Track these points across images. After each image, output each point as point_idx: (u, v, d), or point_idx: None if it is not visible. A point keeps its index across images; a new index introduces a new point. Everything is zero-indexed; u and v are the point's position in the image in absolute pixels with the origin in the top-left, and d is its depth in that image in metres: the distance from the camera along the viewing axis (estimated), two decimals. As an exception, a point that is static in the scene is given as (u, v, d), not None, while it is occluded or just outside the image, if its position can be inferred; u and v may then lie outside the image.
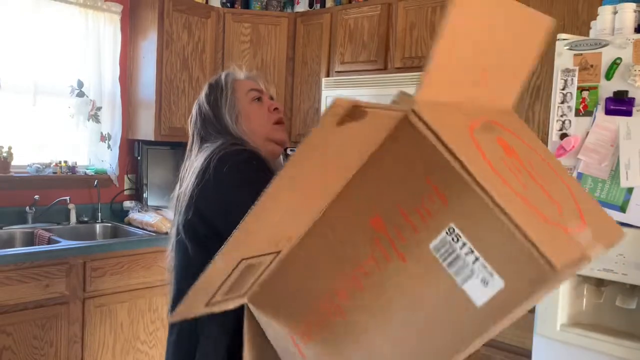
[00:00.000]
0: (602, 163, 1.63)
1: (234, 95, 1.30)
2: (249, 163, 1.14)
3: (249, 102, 1.30)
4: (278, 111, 1.31)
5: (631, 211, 1.58)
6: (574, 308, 1.77)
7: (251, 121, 1.28)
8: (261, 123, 1.29)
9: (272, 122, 1.29)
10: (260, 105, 1.31)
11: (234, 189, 1.11)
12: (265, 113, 1.30)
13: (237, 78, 1.34)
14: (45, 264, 2.32)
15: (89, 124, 3.00)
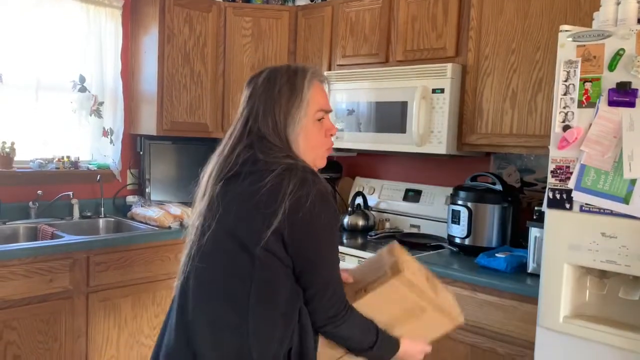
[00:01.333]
0: (605, 155, 1.62)
1: (307, 106, 1.23)
2: (336, 212, 1.20)
3: (313, 120, 1.24)
4: (330, 139, 1.29)
5: (634, 203, 1.57)
6: (576, 300, 1.77)
7: (308, 141, 1.23)
8: (315, 147, 1.25)
9: (325, 148, 1.28)
10: (321, 127, 1.26)
11: (327, 244, 1.19)
12: (322, 137, 1.27)
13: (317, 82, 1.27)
14: (49, 259, 2.33)
15: (91, 119, 3.00)
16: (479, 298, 2.14)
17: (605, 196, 1.63)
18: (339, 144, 2.91)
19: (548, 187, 1.77)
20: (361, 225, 2.98)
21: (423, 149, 2.57)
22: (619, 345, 1.63)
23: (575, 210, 1.70)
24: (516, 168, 2.70)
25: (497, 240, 2.47)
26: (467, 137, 2.52)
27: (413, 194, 3.02)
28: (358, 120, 2.80)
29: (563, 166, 1.72)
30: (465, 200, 2.48)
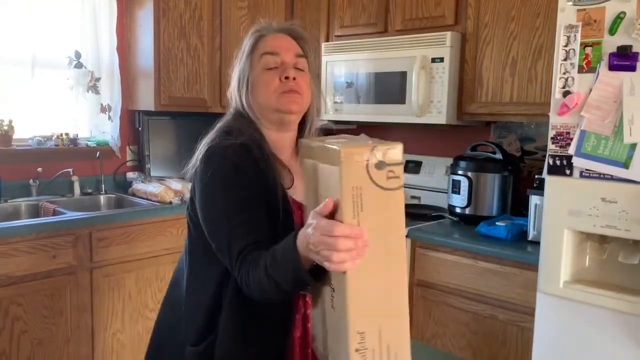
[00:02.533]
0: (606, 119, 1.61)
1: (248, 59, 1.23)
2: (225, 170, 1.13)
3: (260, 70, 1.22)
4: (288, 80, 1.20)
5: (634, 167, 1.57)
6: (577, 265, 1.78)
7: (258, 93, 1.22)
8: (266, 95, 1.21)
9: (279, 91, 1.20)
10: (271, 74, 1.21)
11: (210, 203, 1.15)
12: (274, 83, 1.21)
13: (263, 34, 1.25)
14: (52, 235, 2.34)
15: (88, 96, 2.98)
16: (480, 266, 2.16)
17: (605, 161, 1.62)
18: (338, 117, 2.90)
19: (548, 154, 1.76)
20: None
21: (423, 119, 2.56)
22: (618, 309, 1.65)
23: (575, 176, 1.70)
24: (516, 137, 2.69)
25: (497, 209, 2.48)
26: (467, 107, 2.50)
27: (413, 165, 3.01)
28: (357, 92, 2.78)
29: (563, 132, 1.72)
30: (465, 170, 2.48)
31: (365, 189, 0.83)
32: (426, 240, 2.33)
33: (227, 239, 1.10)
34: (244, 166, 1.14)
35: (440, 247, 2.29)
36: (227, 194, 1.12)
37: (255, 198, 1.13)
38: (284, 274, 0.97)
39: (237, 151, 1.14)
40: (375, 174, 0.83)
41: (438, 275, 2.30)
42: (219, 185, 1.13)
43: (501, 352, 2.12)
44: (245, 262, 1.07)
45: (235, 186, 1.12)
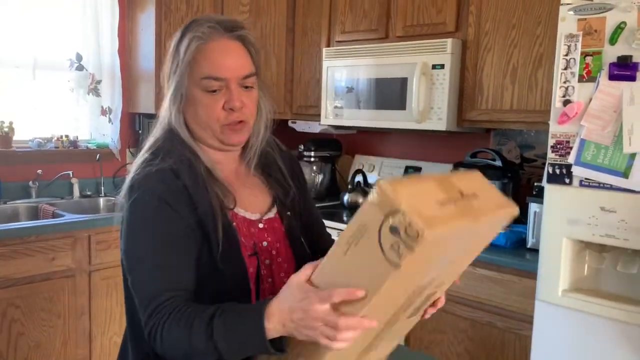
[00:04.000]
0: (605, 129, 1.62)
1: (187, 72, 1.07)
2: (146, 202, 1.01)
3: (201, 92, 1.07)
4: (233, 111, 1.07)
5: (634, 177, 1.58)
6: (575, 274, 1.78)
7: (198, 113, 1.08)
8: (208, 122, 1.08)
9: (223, 123, 1.08)
10: (214, 99, 1.07)
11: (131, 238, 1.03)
12: (217, 111, 1.07)
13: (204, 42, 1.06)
14: (51, 238, 2.34)
15: (89, 98, 2.98)
16: (478, 273, 2.16)
17: (604, 170, 1.63)
18: (338, 122, 2.90)
19: (548, 162, 1.77)
20: (361, 202, 2.97)
21: (423, 125, 2.56)
22: (617, 318, 1.65)
23: (574, 185, 1.71)
24: (516, 144, 2.70)
25: (496, 216, 2.48)
26: (467, 113, 2.51)
27: (413, 171, 3.02)
28: (357, 97, 2.79)
29: (563, 141, 1.72)
30: (465, 177, 2.48)
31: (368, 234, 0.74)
32: (425, 246, 2.32)
33: (143, 280, 0.99)
34: (170, 196, 1.02)
35: (439, 254, 2.28)
36: (148, 230, 1.01)
37: (181, 235, 1.01)
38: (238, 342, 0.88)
39: (162, 178, 1.03)
40: (385, 231, 0.72)
41: (437, 281, 2.29)
42: (139, 219, 1.02)
43: (499, 359, 2.12)
44: (162, 312, 0.94)
45: (158, 221, 1.01)
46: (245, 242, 1.10)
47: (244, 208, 1.14)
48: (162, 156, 1.06)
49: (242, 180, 1.18)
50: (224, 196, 1.09)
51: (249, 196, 1.16)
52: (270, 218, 1.17)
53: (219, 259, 1.03)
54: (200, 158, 1.10)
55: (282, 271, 1.15)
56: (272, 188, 1.20)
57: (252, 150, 1.19)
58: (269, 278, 1.13)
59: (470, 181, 0.83)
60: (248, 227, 1.12)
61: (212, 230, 1.04)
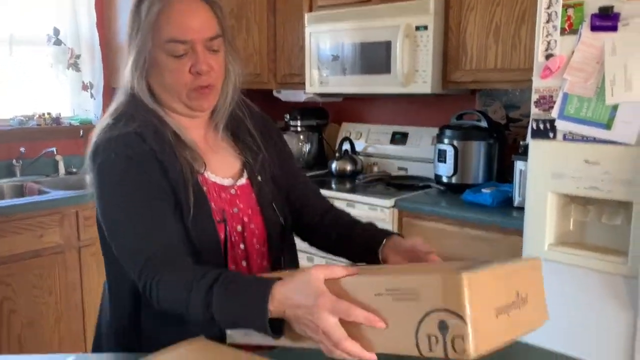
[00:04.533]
0: (588, 81, 1.62)
1: (150, 34, 1.02)
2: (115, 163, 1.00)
3: (166, 56, 1.03)
4: (200, 76, 1.04)
5: (616, 128, 1.58)
6: (561, 228, 1.80)
7: (164, 77, 1.04)
8: (174, 86, 1.05)
9: (190, 87, 1.05)
10: (180, 63, 1.03)
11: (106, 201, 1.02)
12: (184, 76, 1.04)
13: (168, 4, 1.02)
14: (38, 215, 2.32)
15: (69, 73, 2.94)
16: (466, 233, 2.18)
17: (588, 123, 1.63)
18: (323, 89, 2.88)
19: (532, 118, 1.77)
20: (349, 170, 2.98)
21: (408, 89, 2.54)
22: (601, 269, 1.67)
23: (558, 139, 1.71)
24: (501, 104, 2.69)
25: (483, 176, 2.49)
26: (451, 75, 2.49)
27: (400, 137, 3.01)
28: (342, 63, 2.76)
29: (546, 96, 1.72)
30: (451, 139, 2.49)
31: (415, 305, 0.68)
32: (413, 210, 2.34)
33: (127, 241, 0.98)
34: (138, 157, 1.00)
35: (427, 216, 2.30)
36: (120, 193, 0.99)
37: (155, 195, 1.00)
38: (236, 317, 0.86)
39: (127, 142, 1.01)
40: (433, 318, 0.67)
41: (425, 243, 2.31)
42: (109, 183, 1.00)
43: (488, 316, 2.15)
44: (154, 264, 0.94)
45: (131, 180, 0.99)
46: (215, 208, 1.08)
47: (215, 173, 1.12)
48: (125, 121, 1.04)
49: (210, 146, 1.15)
50: (193, 160, 1.07)
51: (219, 161, 1.14)
52: (243, 185, 1.14)
53: (189, 224, 1.02)
54: (167, 122, 1.07)
55: (254, 237, 1.13)
56: (241, 152, 1.17)
57: (219, 114, 1.16)
58: (241, 244, 1.12)
59: (528, 277, 0.82)
60: (219, 193, 1.10)
61: (183, 195, 1.02)
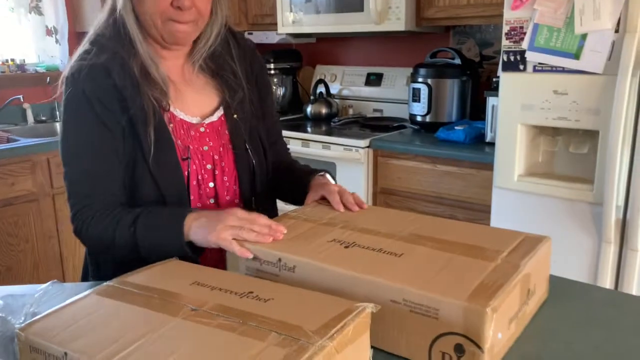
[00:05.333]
0: (558, 11, 1.61)
1: None
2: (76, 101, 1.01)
3: None
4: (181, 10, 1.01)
5: (585, 57, 1.59)
6: (530, 159, 1.83)
7: (144, 4, 1.02)
8: (151, 12, 1.02)
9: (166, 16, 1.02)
10: None
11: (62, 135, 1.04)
12: (164, 4, 1.01)
13: None
14: (8, 163, 2.28)
15: (31, 17, 2.83)
16: (439, 170, 2.21)
17: (557, 53, 1.64)
18: (297, 29, 2.82)
19: (502, 50, 1.77)
20: (324, 113, 2.97)
21: (382, 26, 2.51)
22: (568, 197, 1.72)
23: (529, 71, 1.72)
24: (475, 42, 2.68)
25: (457, 114, 2.50)
26: (425, 11, 2.46)
27: (375, 78, 2.99)
28: (316, 2, 2.70)
29: (517, 27, 1.71)
30: (425, 78, 2.48)
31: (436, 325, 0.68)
32: (387, 149, 2.35)
33: (70, 178, 1.03)
34: (99, 94, 1.01)
35: (401, 155, 2.32)
36: (76, 132, 1.02)
37: (108, 139, 1.02)
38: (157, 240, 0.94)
39: (93, 76, 1.01)
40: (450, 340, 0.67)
41: (399, 181, 2.35)
42: (69, 118, 1.03)
43: (461, 249, 2.21)
44: (87, 212, 1.00)
45: (85, 124, 1.01)
46: (181, 145, 1.08)
47: (184, 110, 1.10)
48: (96, 51, 1.03)
49: (187, 80, 1.14)
50: (161, 97, 1.06)
51: (193, 96, 1.13)
52: (214, 122, 1.13)
53: (151, 161, 1.03)
54: (140, 53, 1.05)
55: (224, 175, 1.14)
56: (220, 89, 1.16)
57: (198, 54, 1.13)
58: (211, 183, 1.12)
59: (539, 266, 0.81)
60: (187, 130, 1.10)
61: (142, 132, 1.03)
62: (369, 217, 0.97)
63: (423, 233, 0.88)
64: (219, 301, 0.69)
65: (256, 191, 1.18)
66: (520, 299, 0.74)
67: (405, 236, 0.87)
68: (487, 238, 0.86)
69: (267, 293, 0.71)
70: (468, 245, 0.82)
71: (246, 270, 0.86)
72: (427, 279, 0.72)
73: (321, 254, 0.81)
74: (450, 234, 0.87)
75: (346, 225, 0.92)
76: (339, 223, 0.94)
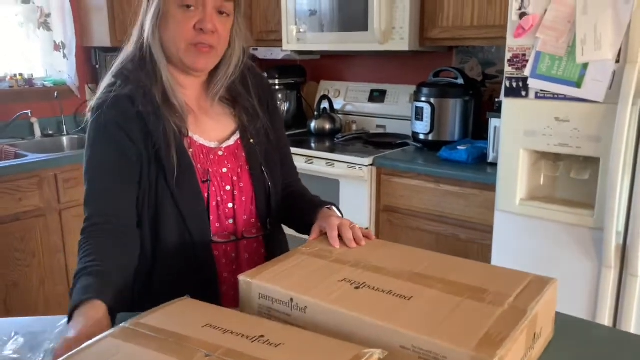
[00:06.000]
0: (560, 40, 1.64)
1: None
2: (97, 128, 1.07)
3: (176, 5, 1.06)
4: (203, 33, 1.06)
5: (586, 86, 1.62)
6: (532, 183, 1.86)
7: (168, 30, 1.07)
8: (175, 39, 1.07)
9: (189, 42, 1.07)
10: (186, 16, 1.06)
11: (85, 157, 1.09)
12: (187, 29, 1.06)
13: None
14: (16, 179, 2.31)
15: (40, 33, 2.86)
16: (441, 189, 2.24)
17: (559, 81, 1.67)
18: (301, 47, 2.86)
19: (505, 76, 1.80)
20: (328, 128, 3.00)
21: (386, 46, 2.54)
22: (570, 222, 1.74)
23: (531, 98, 1.75)
24: (478, 61, 2.71)
25: (459, 133, 2.53)
26: (429, 32, 2.49)
27: (378, 94, 3.02)
28: (320, 19, 2.73)
29: (519, 54, 1.74)
30: (428, 97, 2.51)
31: None
32: (390, 167, 2.38)
33: (85, 199, 1.08)
34: (121, 121, 1.06)
35: (404, 174, 2.35)
36: (91, 153, 1.08)
37: (124, 161, 1.06)
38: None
39: (117, 104, 1.06)
40: None
41: (402, 200, 2.37)
42: (89, 140, 1.08)
43: (463, 268, 2.23)
44: (85, 232, 1.05)
45: (101, 146, 1.07)
46: (201, 169, 1.13)
47: (202, 135, 1.15)
48: (120, 83, 1.09)
49: (204, 108, 1.19)
50: (181, 123, 1.11)
51: (210, 124, 1.18)
52: (230, 145, 1.18)
53: (174, 184, 1.07)
54: (163, 80, 1.10)
55: (243, 196, 1.18)
56: (237, 116, 1.21)
57: (218, 85, 1.18)
58: (230, 203, 1.16)
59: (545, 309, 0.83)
60: (206, 155, 1.15)
61: (165, 156, 1.07)
62: (377, 254, 0.99)
63: (432, 273, 0.90)
64: (231, 345, 0.71)
65: (271, 211, 1.23)
66: (526, 344, 0.76)
67: (414, 276, 0.89)
68: (495, 279, 0.88)
69: (277, 337, 0.73)
70: (475, 287, 0.85)
71: (259, 308, 0.88)
72: (436, 325, 0.74)
73: (332, 295, 0.83)
74: (459, 274, 0.89)
75: (357, 264, 0.94)
76: (349, 261, 0.96)
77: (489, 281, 0.87)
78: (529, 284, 0.86)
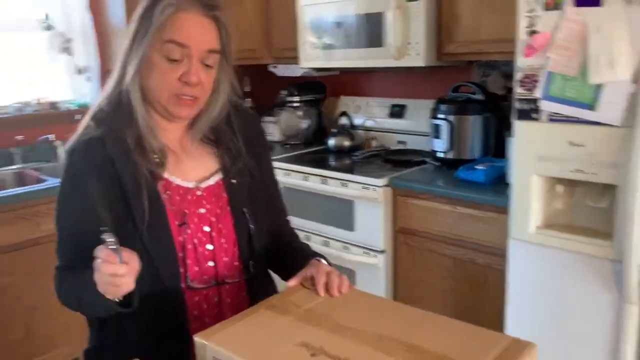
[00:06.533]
0: (572, 59, 1.54)
1: (154, 35, 1.03)
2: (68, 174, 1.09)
3: (161, 56, 1.04)
4: (188, 86, 1.04)
5: (601, 109, 1.51)
6: (547, 210, 1.75)
7: (151, 78, 1.05)
8: (159, 87, 1.06)
9: (173, 92, 1.05)
10: (171, 67, 1.04)
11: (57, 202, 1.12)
12: (171, 80, 1.04)
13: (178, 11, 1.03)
14: (35, 204, 2.36)
15: (62, 57, 2.93)
16: (458, 212, 2.14)
17: (572, 103, 1.56)
18: (318, 64, 2.82)
19: (516, 98, 1.70)
20: (347, 145, 2.94)
21: (401, 62, 2.47)
22: (588, 252, 1.63)
23: (543, 120, 1.65)
24: (501, 74, 2.60)
25: (479, 151, 2.43)
26: (446, 47, 2.41)
27: (398, 110, 2.95)
28: (336, 36, 2.69)
29: (530, 74, 1.64)
30: (445, 114, 2.42)
31: None
32: (406, 188, 2.30)
33: (56, 247, 1.12)
34: (90, 169, 1.05)
35: (420, 194, 2.27)
36: (66, 200, 1.10)
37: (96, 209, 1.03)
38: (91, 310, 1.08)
39: (88, 150, 1.06)
40: None
41: (419, 222, 2.29)
42: (61, 188, 1.11)
43: (480, 294, 2.13)
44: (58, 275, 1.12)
45: (74, 194, 1.08)
46: (176, 211, 1.10)
47: (181, 176, 1.13)
48: (94, 125, 1.09)
49: (186, 148, 1.17)
50: (155, 166, 1.09)
51: (191, 164, 1.16)
52: (210, 185, 1.15)
53: (145, 229, 1.05)
54: (139, 124, 1.08)
55: (222, 237, 1.14)
56: (220, 156, 1.18)
57: (199, 130, 1.17)
58: (208, 245, 1.13)
59: None
60: (184, 195, 1.12)
61: (134, 202, 1.05)
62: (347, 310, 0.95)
63: (398, 335, 0.84)
64: None
65: (254, 254, 1.18)
66: None
67: (377, 340, 0.83)
68: (466, 344, 0.81)
69: None
70: (439, 355, 0.78)
71: None
72: None
73: None
74: (427, 337, 0.83)
75: (319, 323, 0.89)
76: (314, 317, 0.91)
77: (460, 346, 0.80)
78: (503, 351, 0.79)
